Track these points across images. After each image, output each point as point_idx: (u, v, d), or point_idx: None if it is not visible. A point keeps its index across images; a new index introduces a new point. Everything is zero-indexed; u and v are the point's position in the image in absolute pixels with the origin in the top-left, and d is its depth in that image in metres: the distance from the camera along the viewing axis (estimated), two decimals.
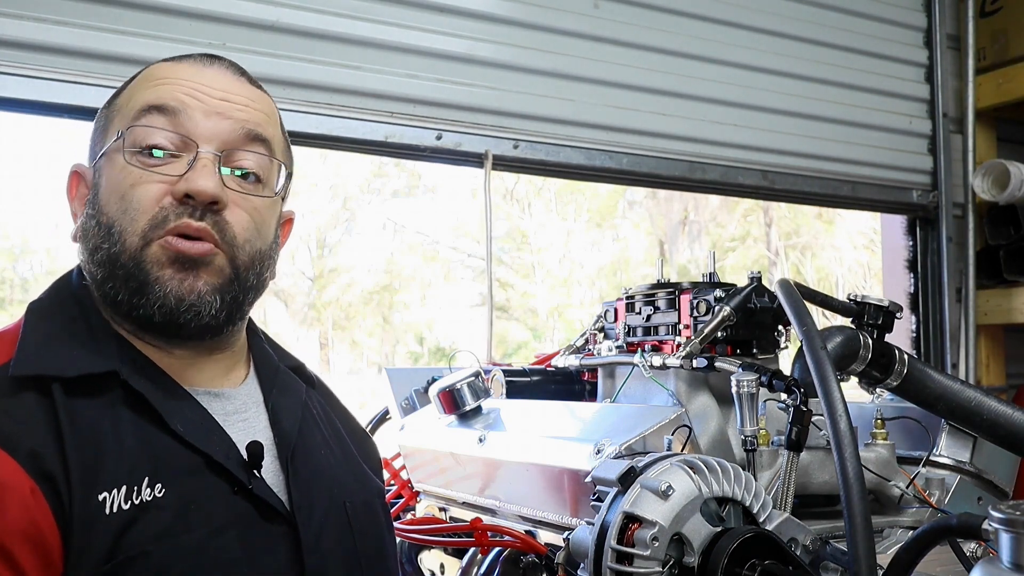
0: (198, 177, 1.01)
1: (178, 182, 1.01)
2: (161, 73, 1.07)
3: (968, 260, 3.28)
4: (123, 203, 1.01)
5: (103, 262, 1.02)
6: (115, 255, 1.01)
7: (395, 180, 10.24)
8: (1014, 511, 0.79)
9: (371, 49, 2.35)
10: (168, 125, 1.03)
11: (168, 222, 1.00)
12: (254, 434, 1.06)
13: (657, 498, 1.01)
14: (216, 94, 1.06)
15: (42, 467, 0.88)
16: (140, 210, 1.00)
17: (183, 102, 1.03)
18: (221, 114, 1.05)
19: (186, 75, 1.06)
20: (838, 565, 1.06)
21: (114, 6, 2.04)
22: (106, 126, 1.08)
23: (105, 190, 1.04)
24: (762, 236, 11.17)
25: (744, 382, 1.22)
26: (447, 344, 9.84)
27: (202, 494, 0.96)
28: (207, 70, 1.08)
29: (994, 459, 1.45)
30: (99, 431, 0.93)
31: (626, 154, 2.72)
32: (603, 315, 1.66)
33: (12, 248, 8.88)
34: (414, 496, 1.71)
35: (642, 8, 2.76)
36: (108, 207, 1.02)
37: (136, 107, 1.04)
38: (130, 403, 0.97)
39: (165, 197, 1.01)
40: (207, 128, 1.03)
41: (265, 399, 1.12)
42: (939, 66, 3.29)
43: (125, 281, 1.01)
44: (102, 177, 1.05)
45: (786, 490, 1.17)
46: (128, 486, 0.91)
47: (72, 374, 0.95)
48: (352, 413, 1.31)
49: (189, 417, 1.00)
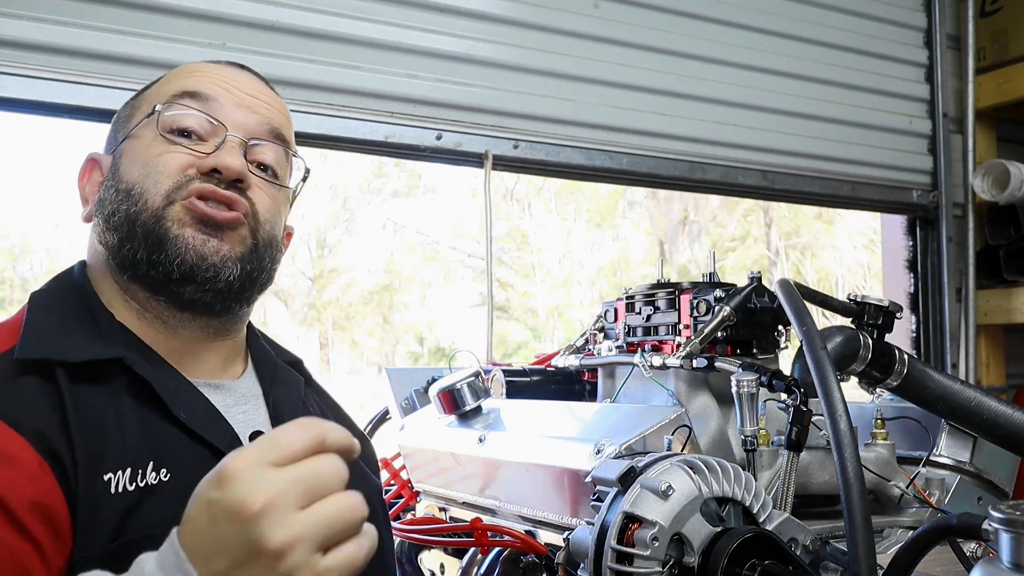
0: (225, 154, 1.06)
1: (205, 158, 1.05)
2: (194, 67, 1.14)
3: (968, 260, 3.28)
4: (146, 168, 1.04)
5: (120, 224, 1.03)
6: (134, 215, 1.03)
7: (395, 180, 10.25)
8: (1014, 511, 0.79)
9: (371, 49, 2.35)
10: (200, 109, 1.07)
11: (192, 183, 1.04)
12: (255, 426, 1.07)
13: (657, 498, 1.01)
14: (246, 90, 1.12)
15: (48, 446, 0.89)
16: (164, 174, 1.04)
17: (215, 92, 1.09)
18: (249, 108, 1.11)
19: (217, 72, 1.13)
20: (838, 565, 1.06)
21: (114, 6, 2.04)
22: (131, 114, 1.12)
23: (127, 163, 1.07)
24: (762, 236, 11.18)
25: (744, 382, 1.22)
26: (447, 344, 9.84)
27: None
28: (235, 70, 1.15)
29: (994, 459, 1.45)
30: (102, 417, 0.94)
31: (626, 154, 2.72)
32: (603, 315, 1.66)
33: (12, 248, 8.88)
34: (414, 496, 1.71)
35: (642, 8, 2.76)
36: (129, 174, 1.05)
37: (169, 92, 1.09)
38: (133, 390, 0.98)
39: (190, 168, 1.05)
40: (236, 117, 1.09)
41: (264, 393, 1.13)
42: (939, 66, 3.29)
43: (144, 239, 1.02)
44: (123, 155, 1.08)
45: (786, 490, 1.17)
46: (133, 469, 0.92)
47: (77, 359, 0.95)
48: (346, 412, 1.32)
49: (192, 406, 1.01)
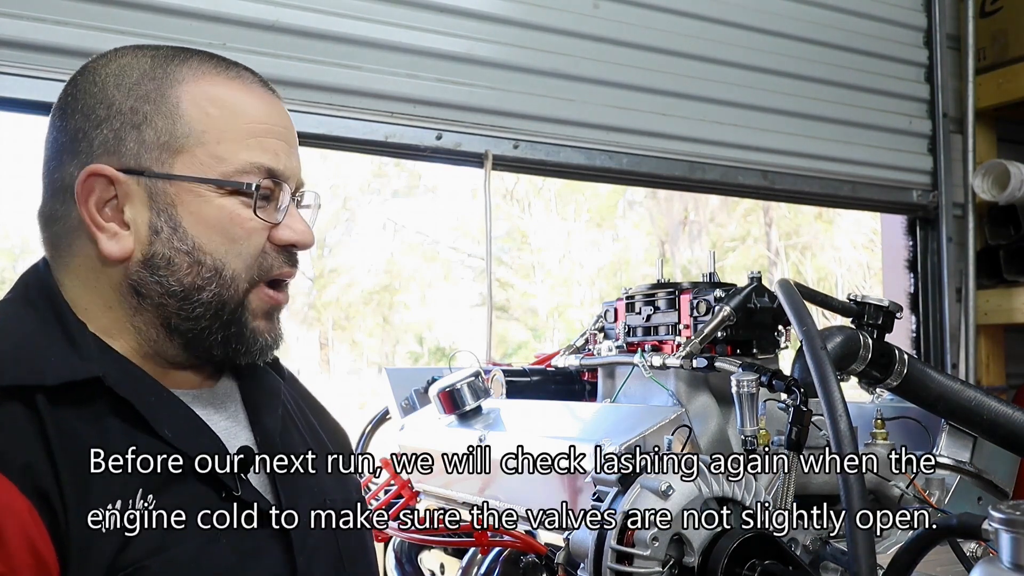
0: (297, 224, 1.04)
1: (278, 228, 1.03)
2: (248, 111, 1.03)
3: (968, 260, 3.28)
4: (235, 246, 1.01)
5: (208, 302, 1.01)
6: (225, 299, 1.01)
7: (395, 180, 10.26)
8: (1014, 511, 0.79)
9: (371, 49, 2.35)
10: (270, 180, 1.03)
11: (272, 270, 1.03)
12: (237, 432, 1.06)
13: (657, 498, 1.01)
14: (292, 136, 1.07)
15: (35, 483, 0.86)
16: (252, 255, 1.02)
17: (281, 159, 1.03)
18: (293, 153, 1.07)
19: (268, 115, 1.04)
20: (838, 565, 1.07)
21: (114, 6, 2.04)
22: (168, 143, 0.99)
23: (198, 225, 1.00)
24: (762, 236, 11.18)
25: (744, 382, 1.22)
26: (447, 344, 9.84)
27: (193, 502, 0.94)
28: (272, 101, 1.07)
29: (994, 459, 1.45)
30: (87, 443, 0.90)
31: (626, 154, 2.71)
32: (603, 315, 1.65)
33: (12, 248, 8.89)
34: (414, 496, 1.71)
35: (642, 8, 2.76)
36: (209, 245, 1.00)
37: (244, 159, 1.01)
38: (116, 410, 0.94)
39: (266, 242, 1.03)
40: (290, 169, 1.05)
41: (244, 397, 1.11)
42: (939, 66, 3.29)
43: (227, 326, 1.02)
44: (181, 207, 0.99)
45: (786, 490, 1.17)
46: (122, 500, 0.89)
47: (53, 382, 0.91)
48: (319, 401, 1.30)
49: (176, 421, 0.98)
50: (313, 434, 1.19)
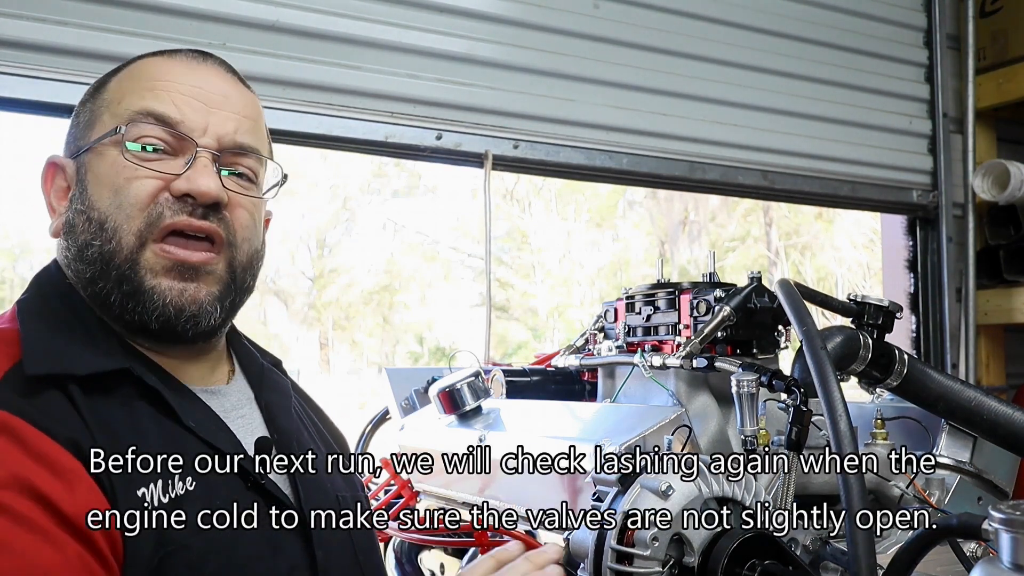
0: (199, 176, 1.00)
1: (176, 180, 1.00)
2: (155, 72, 1.05)
3: (968, 260, 3.28)
4: (117, 197, 0.99)
5: (94, 260, 1.00)
6: (108, 253, 0.99)
7: (395, 180, 10.27)
8: (1014, 511, 0.79)
9: (371, 49, 2.35)
10: (166, 131, 1.01)
11: (164, 219, 0.99)
12: (253, 430, 1.07)
13: (657, 498, 1.01)
14: (214, 96, 1.04)
15: (84, 456, 0.88)
16: (136, 205, 0.99)
17: (181, 108, 1.02)
18: (218, 114, 1.03)
19: (180, 75, 1.04)
20: (838, 565, 1.06)
21: (115, 6, 2.04)
22: (91, 120, 1.05)
23: (94, 184, 1.01)
24: (762, 236, 11.18)
25: (744, 382, 1.21)
26: (447, 344, 9.85)
27: (223, 489, 0.96)
28: (200, 68, 1.06)
29: (994, 459, 1.45)
30: (122, 428, 0.92)
31: (626, 154, 2.72)
32: (603, 315, 1.65)
33: (12, 248, 8.89)
34: (414, 496, 1.71)
35: (642, 8, 2.76)
36: (99, 201, 1.00)
37: (131, 108, 1.02)
38: (148, 399, 0.97)
39: (161, 193, 0.99)
40: (205, 127, 1.02)
41: (256, 397, 1.13)
42: (939, 66, 3.29)
43: (118, 283, 0.99)
44: (88, 172, 1.02)
45: (786, 490, 1.17)
46: (163, 480, 0.91)
47: (84, 372, 0.93)
48: (325, 411, 1.32)
49: (198, 414, 1.00)
50: (320, 434, 1.22)
